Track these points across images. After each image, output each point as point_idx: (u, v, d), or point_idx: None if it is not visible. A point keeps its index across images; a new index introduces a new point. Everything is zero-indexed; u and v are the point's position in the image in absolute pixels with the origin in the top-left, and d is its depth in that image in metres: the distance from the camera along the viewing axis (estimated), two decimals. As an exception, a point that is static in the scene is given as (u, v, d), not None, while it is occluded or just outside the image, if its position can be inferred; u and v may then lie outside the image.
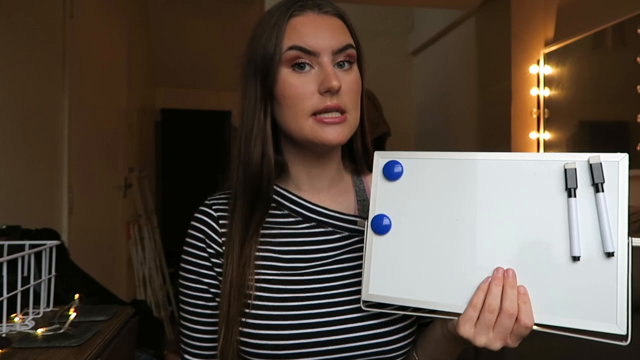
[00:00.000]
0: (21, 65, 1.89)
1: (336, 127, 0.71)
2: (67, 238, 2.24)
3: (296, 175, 0.79)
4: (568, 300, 0.58)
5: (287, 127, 0.74)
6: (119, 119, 3.24)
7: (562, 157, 0.60)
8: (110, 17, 3.07)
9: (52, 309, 1.23)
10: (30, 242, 1.19)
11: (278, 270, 0.74)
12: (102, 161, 2.93)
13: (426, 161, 0.67)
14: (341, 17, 0.76)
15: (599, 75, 2.73)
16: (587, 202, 0.58)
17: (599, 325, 0.56)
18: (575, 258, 0.58)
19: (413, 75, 5.25)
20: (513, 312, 0.59)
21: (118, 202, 3.22)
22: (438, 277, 0.63)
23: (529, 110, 3.23)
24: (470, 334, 0.61)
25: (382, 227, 0.66)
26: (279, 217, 0.78)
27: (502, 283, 0.60)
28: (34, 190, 2.02)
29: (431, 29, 4.73)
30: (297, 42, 0.71)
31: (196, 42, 4.15)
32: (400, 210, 0.66)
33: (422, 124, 4.99)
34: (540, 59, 3.14)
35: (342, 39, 0.73)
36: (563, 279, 0.58)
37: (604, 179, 0.58)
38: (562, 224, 0.59)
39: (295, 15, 0.72)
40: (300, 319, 0.70)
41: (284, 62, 0.71)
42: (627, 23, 2.45)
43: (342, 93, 0.71)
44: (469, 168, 0.64)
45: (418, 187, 0.66)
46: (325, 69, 0.70)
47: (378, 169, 0.68)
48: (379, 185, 0.68)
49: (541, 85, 3.15)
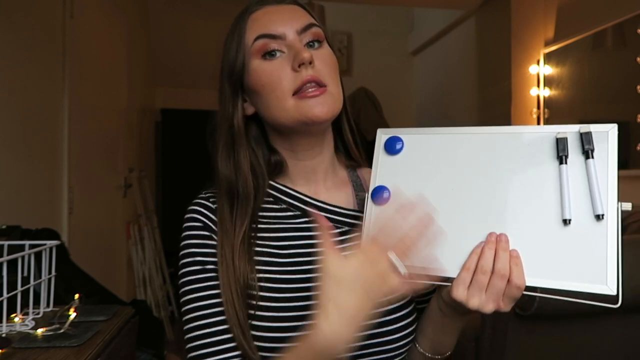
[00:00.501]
0: (21, 65, 1.89)
1: (319, 99, 0.70)
2: (67, 238, 2.24)
3: (290, 170, 0.79)
4: (559, 263, 0.59)
5: (273, 116, 0.73)
6: (119, 119, 3.24)
7: (555, 129, 0.64)
8: (110, 17, 3.07)
9: (52, 309, 1.23)
10: (30, 242, 1.19)
11: (277, 267, 0.73)
12: (102, 161, 2.93)
13: (425, 136, 0.70)
14: (299, 4, 0.78)
15: (599, 75, 2.73)
16: (578, 170, 0.61)
17: (590, 286, 0.57)
18: (566, 221, 0.60)
19: (413, 75, 5.25)
20: (505, 274, 0.60)
21: (118, 202, 3.22)
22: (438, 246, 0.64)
23: (529, 110, 3.23)
24: (463, 296, 0.62)
25: (381, 198, 0.69)
26: (277, 212, 0.77)
27: (494, 247, 0.61)
28: (34, 190, 2.02)
29: (431, 29, 4.73)
30: (261, 30, 0.72)
31: (196, 42, 4.15)
32: (399, 182, 0.69)
33: (422, 124, 4.99)
34: (540, 59, 3.14)
35: (303, 19, 0.74)
36: (554, 243, 0.60)
37: (594, 147, 0.60)
38: (554, 190, 0.61)
39: (254, 11, 0.75)
40: (305, 319, 0.69)
41: (253, 54, 0.73)
42: (627, 23, 2.46)
43: (317, 67, 0.71)
44: (465, 141, 0.68)
45: (417, 161, 0.69)
46: (294, 46, 0.71)
47: (380, 144, 0.72)
48: (380, 159, 0.71)
49: (541, 85, 3.15)
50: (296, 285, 0.72)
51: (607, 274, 0.57)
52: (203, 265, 0.72)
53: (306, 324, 0.68)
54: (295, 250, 0.74)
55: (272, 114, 0.73)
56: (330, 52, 0.75)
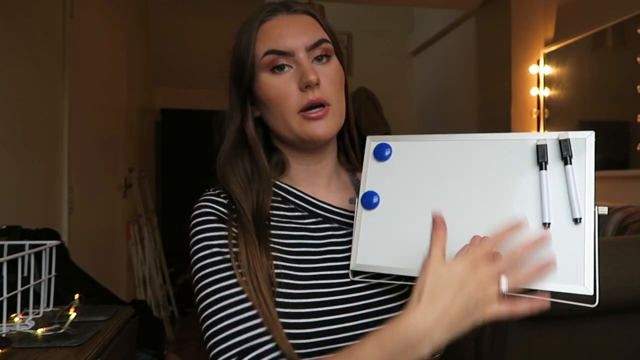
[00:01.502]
0: (21, 65, 1.89)
1: (321, 121, 0.73)
2: (67, 238, 2.24)
3: (295, 173, 0.80)
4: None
5: (277, 128, 0.76)
6: (119, 119, 3.24)
7: (535, 136, 0.66)
8: (110, 17, 3.07)
9: (52, 309, 1.23)
10: (30, 242, 1.19)
11: (288, 263, 0.73)
12: (102, 161, 2.93)
13: (412, 143, 0.73)
14: (311, 14, 0.78)
15: (599, 75, 2.73)
16: (557, 176, 0.64)
17: (568, 287, 0.60)
18: (546, 224, 0.62)
19: (413, 75, 5.25)
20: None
21: (118, 202, 3.22)
22: (420, 248, 0.66)
23: (529, 110, 3.23)
24: None
25: (371, 203, 0.72)
26: (286, 211, 0.78)
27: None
28: (34, 190, 2.02)
29: (431, 29, 4.73)
30: (270, 46, 0.73)
31: (196, 42, 4.15)
32: (388, 188, 0.72)
33: (422, 124, 4.99)
34: (540, 59, 3.14)
35: (314, 34, 0.75)
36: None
37: (572, 154, 0.63)
38: (534, 196, 0.64)
39: (266, 21, 0.75)
40: (313, 317, 0.69)
41: (262, 68, 0.74)
42: (627, 23, 2.46)
43: (322, 86, 0.73)
44: (451, 148, 0.70)
45: (405, 167, 0.72)
46: (302, 66, 0.72)
47: (369, 151, 0.74)
48: (370, 166, 0.74)
49: (541, 85, 3.15)
50: (302, 282, 0.72)
51: (585, 275, 0.59)
52: (223, 256, 0.70)
53: (313, 322, 0.69)
54: (304, 249, 0.75)
55: (276, 127, 0.76)
56: (337, 68, 0.76)
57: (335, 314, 0.71)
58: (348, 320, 0.71)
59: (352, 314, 0.72)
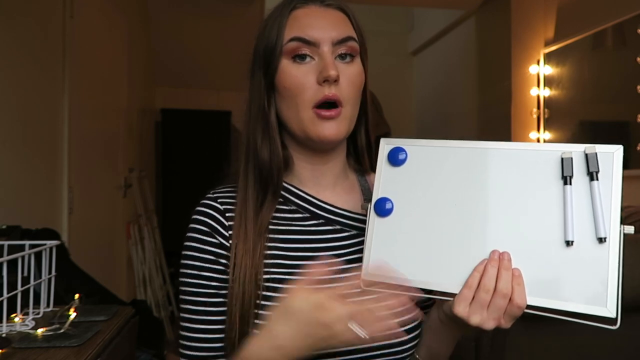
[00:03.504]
0: (21, 65, 1.89)
1: (332, 122, 0.71)
2: (67, 238, 2.23)
3: (300, 172, 0.79)
4: (560, 283, 0.60)
5: (289, 119, 0.74)
6: (119, 119, 3.24)
7: (560, 148, 0.63)
8: (110, 17, 3.07)
9: (52, 309, 1.23)
10: (30, 242, 1.19)
11: (285, 269, 0.72)
12: (102, 161, 2.93)
13: (429, 148, 0.69)
14: (344, 11, 0.76)
15: (599, 75, 2.73)
16: (583, 191, 0.61)
17: (590, 308, 0.58)
18: (568, 243, 0.60)
19: (413, 75, 5.25)
20: (507, 293, 0.60)
21: (118, 202, 3.22)
22: (435, 259, 0.65)
23: (529, 110, 3.23)
24: (464, 313, 0.62)
25: (384, 210, 0.69)
26: (286, 213, 0.77)
27: (497, 265, 0.61)
28: (34, 190, 2.02)
29: (431, 29, 4.73)
30: (297, 33, 0.72)
31: (196, 42, 4.15)
32: (402, 194, 0.69)
33: (422, 124, 4.99)
34: (540, 59, 3.14)
35: (342, 30, 0.73)
36: (556, 263, 0.60)
37: (599, 169, 0.60)
38: (558, 211, 0.61)
39: (298, 8, 0.74)
40: None
41: (285, 54, 0.72)
42: (627, 23, 2.45)
43: (341, 84, 0.71)
44: (471, 156, 0.67)
45: (421, 173, 0.69)
46: (324, 59, 0.71)
47: (383, 155, 0.71)
48: (384, 170, 0.70)
49: (541, 85, 3.15)
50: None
51: (608, 297, 0.58)
52: (199, 272, 0.73)
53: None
54: (303, 254, 0.74)
55: (289, 117, 0.74)
56: (359, 70, 0.75)
57: None
58: None
59: None
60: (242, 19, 3.86)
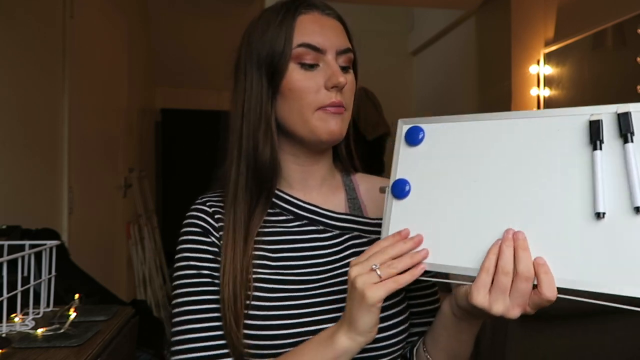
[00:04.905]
0: (21, 65, 1.89)
1: (338, 118, 0.74)
2: (67, 238, 2.24)
3: (289, 174, 0.80)
4: (590, 262, 0.53)
5: (291, 121, 0.75)
6: (119, 119, 3.24)
7: (588, 110, 0.56)
8: (110, 17, 3.07)
9: (52, 309, 1.23)
10: (30, 242, 1.19)
11: (270, 269, 0.74)
12: (102, 161, 2.93)
13: (447, 124, 0.66)
14: (341, 21, 0.79)
15: (599, 75, 2.73)
16: (615, 156, 0.54)
17: (626, 289, 0.51)
18: (599, 215, 0.53)
19: (413, 75, 5.25)
20: (529, 275, 0.55)
21: (118, 202, 3.22)
22: (454, 240, 0.61)
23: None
24: (485, 301, 0.57)
25: (402, 192, 0.66)
26: (271, 216, 0.78)
27: (512, 244, 0.56)
28: (34, 190, 2.02)
29: (431, 29, 4.73)
30: (306, 39, 0.73)
31: (196, 42, 4.15)
32: (420, 174, 0.66)
33: (422, 124, 4.99)
34: (540, 59, 3.14)
35: (343, 40, 0.76)
36: (585, 239, 0.54)
37: (634, 130, 0.53)
38: (585, 181, 0.54)
39: (303, 13, 0.75)
40: (296, 318, 0.70)
41: (292, 58, 0.73)
42: (627, 23, 2.46)
43: (345, 92, 0.75)
44: (488, 128, 0.62)
45: (439, 151, 0.65)
46: (332, 66, 0.73)
47: (401, 135, 0.69)
48: (401, 151, 0.68)
49: (541, 85, 3.15)
50: (287, 286, 0.72)
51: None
52: (198, 270, 0.74)
53: (296, 324, 0.70)
54: (288, 254, 0.75)
55: (291, 119, 0.75)
56: (353, 79, 0.78)
57: (315, 316, 0.71)
58: (328, 321, 0.71)
59: (333, 315, 0.71)
60: (242, 19, 3.83)
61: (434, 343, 0.72)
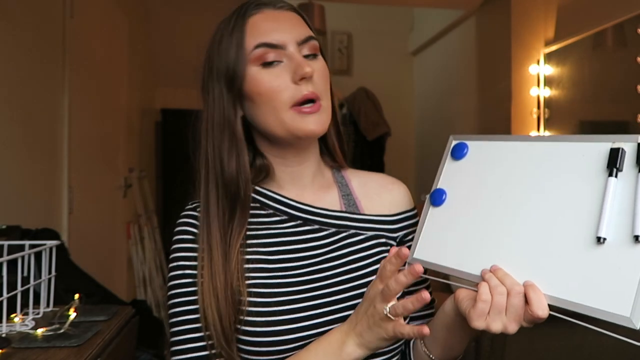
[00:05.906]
0: (21, 65, 1.89)
1: (315, 116, 0.73)
2: (67, 238, 2.23)
3: (278, 175, 0.79)
4: (586, 286, 0.55)
5: (266, 124, 0.74)
6: (119, 119, 3.24)
7: (613, 138, 0.58)
8: (111, 17, 3.07)
9: (52, 309, 1.23)
10: (30, 242, 1.19)
11: (268, 273, 0.73)
12: (102, 161, 2.93)
13: (487, 143, 0.70)
14: (297, 12, 0.78)
15: (599, 75, 2.73)
16: (626, 186, 0.55)
17: (611, 315, 0.53)
18: (599, 239, 0.54)
19: (413, 75, 5.24)
20: (519, 289, 0.57)
21: (118, 202, 3.22)
22: (474, 251, 0.65)
23: (529, 110, 3.23)
24: (484, 325, 0.59)
25: (438, 200, 0.71)
26: (264, 217, 0.77)
27: (495, 275, 0.60)
28: (34, 190, 2.02)
29: (431, 29, 4.73)
30: (261, 39, 0.72)
31: (197, 43, 4.15)
32: (456, 186, 0.71)
33: (422, 124, 4.99)
34: (540, 59, 3.14)
35: (302, 30, 0.75)
36: (584, 263, 0.55)
37: None
38: (595, 205, 0.56)
39: (253, 14, 0.74)
40: (297, 322, 0.70)
41: (252, 61, 0.73)
42: (627, 23, 2.45)
43: (314, 80, 0.73)
44: (522, 149, 0.66)
45: (477, 166, 0.70)
46: (295, 59, 0.72)
47: (449, 149, 0.74)
48: (446, 164, 0.73)
49: (541, 85, 3.15)
50: (287, 289, 0.72)
51: (634, 305, 0.51)
52: (193, 279, 0.74)
53: (298, 327, 0.69)
54: (284, 256, 0.74)
55: (266, 122, 0.74)
56: (324, 64, 0.76)
57: (316, 319, 0.71)
58: (329, 323, 0.71)
59: (333, 317, 0.71)
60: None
61: (433, 339, 0.73)
